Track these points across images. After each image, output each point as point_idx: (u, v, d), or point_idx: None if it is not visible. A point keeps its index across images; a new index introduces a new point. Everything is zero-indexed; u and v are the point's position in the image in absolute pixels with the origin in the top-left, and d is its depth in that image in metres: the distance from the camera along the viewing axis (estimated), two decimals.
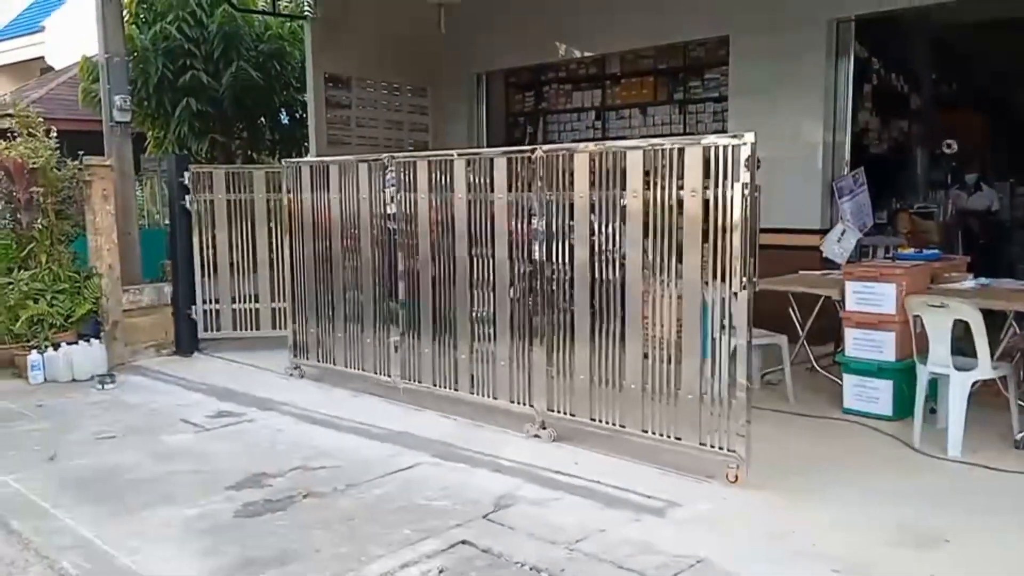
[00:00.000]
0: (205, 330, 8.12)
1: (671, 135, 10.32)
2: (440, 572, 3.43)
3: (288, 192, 7.08)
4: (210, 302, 8.11)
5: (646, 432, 4.64)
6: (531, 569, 3.43)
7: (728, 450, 4.30)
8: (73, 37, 19.78)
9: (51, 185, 7.57)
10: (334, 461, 4.87)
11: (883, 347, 5.26)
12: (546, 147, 5.16)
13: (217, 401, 6.34)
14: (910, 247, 6.75)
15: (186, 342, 8.06)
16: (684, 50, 10.20)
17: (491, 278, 5.46)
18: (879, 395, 5.32)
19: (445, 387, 5.84)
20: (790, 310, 6.22)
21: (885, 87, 9.78)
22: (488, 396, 5.55)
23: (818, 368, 6.21)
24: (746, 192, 4.10)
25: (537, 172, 5.10)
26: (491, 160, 5.48)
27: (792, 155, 7.80)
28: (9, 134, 7.74)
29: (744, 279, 4.16)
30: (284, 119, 11.23)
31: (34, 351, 7.14)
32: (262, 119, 10.95)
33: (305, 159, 9.92)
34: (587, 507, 4.07)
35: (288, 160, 7.60)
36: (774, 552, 3.57)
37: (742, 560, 3.47)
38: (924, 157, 11.02)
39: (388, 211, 6.22)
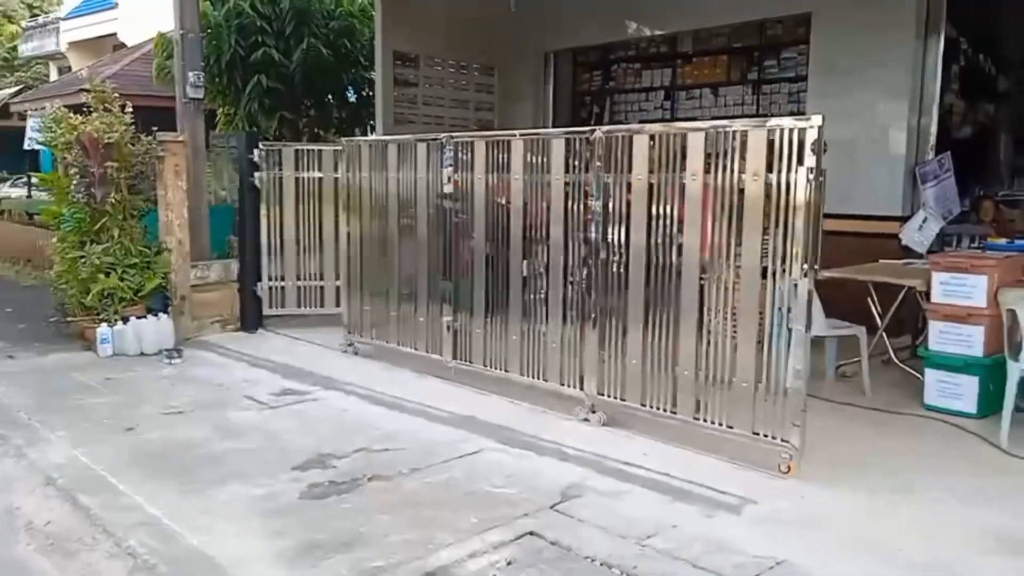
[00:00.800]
0: (270, 307, 8.16)
1: (743, 116, 10.07)
2: (508, 564, 3.34)
3: (347, 170, 7.10)
4: (275, 279, 8.14)
5: (698, 419, 4.55)
6: (601, 565, 3.32)
7: (782, 440, 4.19)
8: (146, 14, 20.15)
9: (125, 160, 7.64)
10: (398, 444, 4.82)
11: (971, 341, 5.00)
12: (605, 128, 5.05)
13: (281, 379, 6.35)
14: (999, 236, 6.41)
15: (251, 319, 8.11)
16: (761, 28, 9.89)
17: (545, 259, 5.40)
18: (963, 391, 5.07)
19: (496, 368, 5.81)
20: (869, 300, 5.97)
21: (972, 68, 9.32)
22: (539, 378, 5.51)
23: (896, 361, 5.95)
24: (811, 177, 3.96)
25: (596, 153, 5.00)
26: (549, 141, 5.37)
27: (874, 138, 7.53)
28: (85, 109, 7.83)
29: (806, 266, 4.03)
30: (351, 97, 11.20)
31: (104, 324, 7.26)
32: (329, 97, 10.93)
33: (364, 138, 10.02)
34: (658, 501, 3.94)
35: (347, 139, 7.56)
36: (858, 556, 3.39)
37: (825, 564, 3.31)
38: (1009, 143, 10.51)
39: (445, 190, 6.17)
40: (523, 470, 4.36)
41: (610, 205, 4.96)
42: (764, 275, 4.22)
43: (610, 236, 4.97)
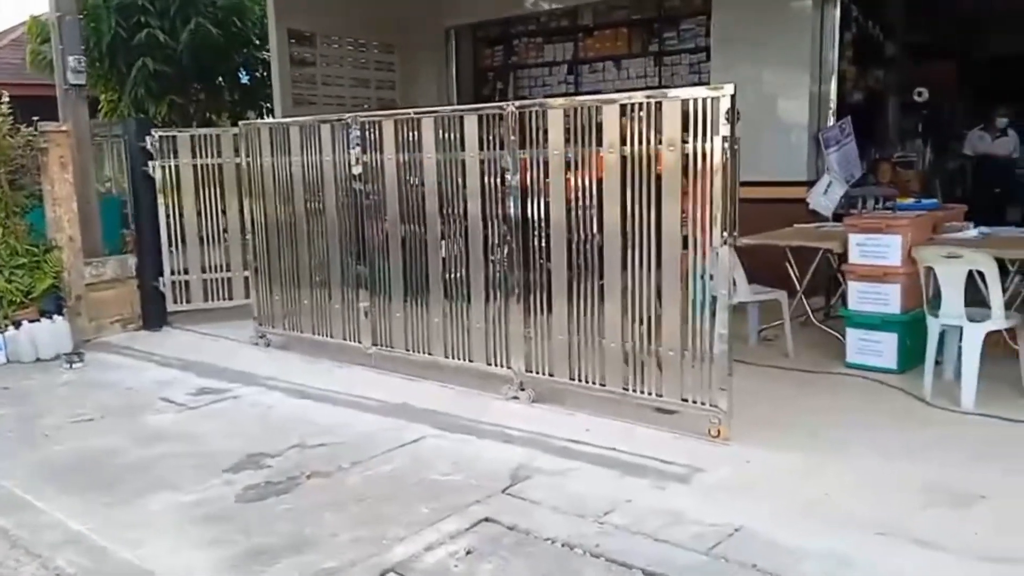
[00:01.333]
0: (175, 302, 7.76)
1: (647, 88, 10.14)
2: (468, 553, 3.25)
3: (247, 155, 6.82)
4: (178, 273, 7.75)
5: (627, 390, 4.59)
6: (563, 546, 3.27)
7: (711, 405, 4.26)
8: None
9: (3, 154, 7.12)
10: (333, 437, 4.64)
11: (888, 299, 5.17)
12: (517, 103, 5.01)
13: (196, 377, 6.05)
14: (903, 197, 6.65)
15: (154, 316, 7.70)
16: (658, 0, 9.97)
17: (464, 238, 5.33)
18: (883, 348, 5.24)
19: (420, 352, 5.70)
20: (787, 264, 6.10)
21: (863, 35, 9.63)
22: (464, 359, 5.44)
23: (815, 322, 6.11)
24: (726, 145, 4.02)
25: (509, 129, 4.95)
26: (461, 118, 5.27)
27: (777, 105, 7.68)
28: None
29: (725, 233, 4.08)
30: (244, 79, 10.74)
31: None
32: (220, 79, 10.44)
33: (263, 121, 9.64)
34: (607, 476, 3.91)
35: (244, 122, 7.24)
36: (811, 517, 3.44)
37: (781, 527, 3.34)
38: (896, 106, 10.95)
39: (353, 172, 5.99)
40: (467, 455, 4.26)
41: (527, 181, 4.93)
42: (685, 244, 4.27)
43: (529, 212, 4.94)
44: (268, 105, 10.76)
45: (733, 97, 4.00)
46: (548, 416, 4.78)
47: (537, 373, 5.03)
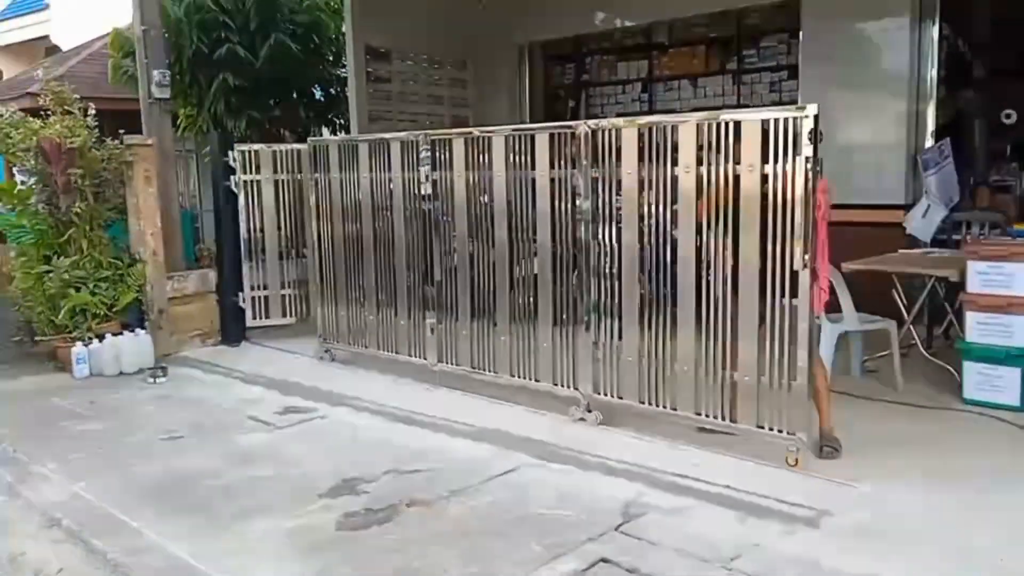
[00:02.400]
0: (254, 317, 7.73)
1: (724, 107, 9.93)
2: None
3: (315, 171, 6.86)
4: (258, 288, 7.72)
5: (700, 415, 4.50)
6: None
7: (788, 433, 4.14)
8: (80, 14, 19.27)
9: (89, 166, 7.15)
10: (427, 463, 4.50)
11: (1012, 332, 4.87)
12: (591, 122, 4.91)
13: (280, 395, 5.98)
14: (1012, 223, 6.33)
15: (233, 331, 7.68)
16: (738, 17, 9.75)
17: (532, 258, 5.31)
18: (1005, 384, 4.93)
19: (485, 370, 5.68)
20: (894, 292, 5.83)
21: (953, 53, 9.31)
22: (530, 378, 5.39)
23: (925, 354, 5.81)
24: (808, 167, 3.90)
25: (581, 148, 4.89)
26: (532, 136, 5.22)
27: (872, 126, 7.40)
28: (42, 113, 7.31)
29: (806, 257, 3.97)
30: (319, 95, 10.76)
31: (78, 343, 6.78)
32: (295, 95, 10.46)
33: (331, 137, 9.66)
34: (727, 517, 3.69)
35: (313, 139, 7.22)
36: (966, 571, 3.19)
37: None
38: (983, 128, 10.55)
39: (422, 190, 5.98)
40: (572, 488, 4.08)
41: (599, 201, 4.87)
42: (764, 267, 4.13)
43: (600, 233, 4.88)
44: (340, 121, 10.76)
45: (816, 117, 3.90)
46: (648, 448, 4.58)
47: (605, 395, 4.98)
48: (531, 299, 5.32)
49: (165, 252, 7.39)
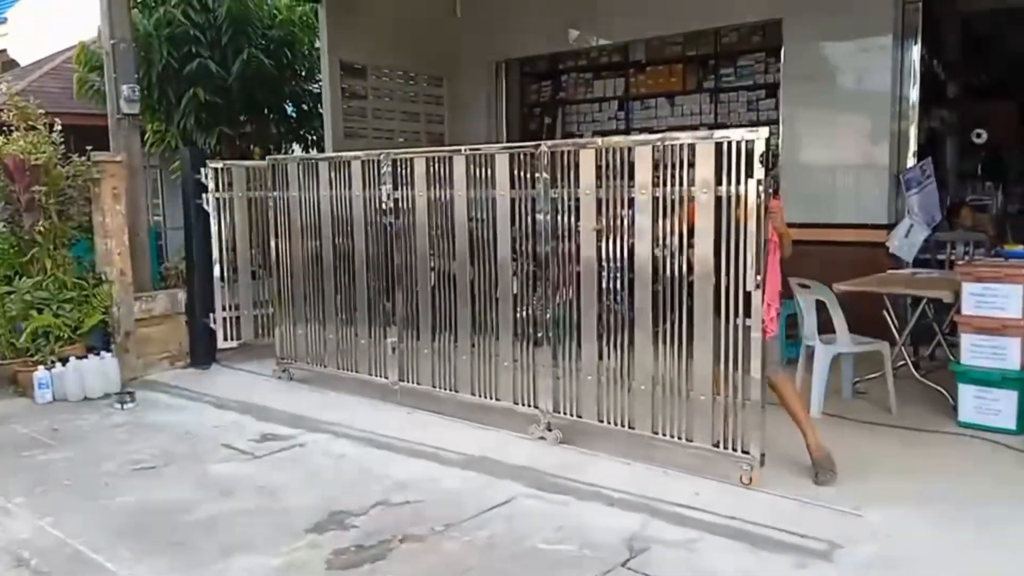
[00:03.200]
0: (225, 339, 7.48)
1: (701, 126, 9.93)
2: None
3: (275, 189, 6.82)
4: (229, 309, 7.47)
5: (656, 434, 4.55)
6: None
7: (743, 451, 4.21)
8: (39, 29, 18.83)
9: (54, 184, 6.88)
10: (416, 494, 4.31)
11: (1006, 354, 4.82)
12: (550, 143, 5.00)
13: (255, 421, 5.74)
14: (996, 243, 6.33)
15: (203, 353, 7.41)
16: (716, 36, 9.74)
17: (494, 276, 5.32)
18: (1001, 407, 4.87)
19: (445, 388, 5.70)
20: (885, 313, 5.77)
21: (928, 73, 9.37)
22: (490, 397, 5.41)
23: (916, 375, 5.74)
24: (760, 189, 4.01)
25: (542, 168, 4.95)
26: (493, 156, 5.27)
27: (854, 145, 7.39)
28: (4, 128, 7.02)
29: (759, 276, 4.07)
30: (291, 111, 10.54)
31: (40, 367, 6.47)
32: (267, 111, 10.23)
33: (292, 155, 9.52)
34: (738, 550, 3.55)
35: (272, 157, 7.11)
36: None
37: None
38: (955, 147, 10.66)
39: (384, 208, 5.98)
40: (570, 520, 3.92)
41: (558, 221, 4.93)
42: (718, 288, 4.21)
43: (560, 251, 4.97)
44: (312, 137, 10.55)
45: (767, 140, 4.02)
46: (646, 475, 4.43)
47: (564, 413, 5.02)
48: (492, 317, 5.34)
49: (132, 271, 7.12)
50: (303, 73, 10.35)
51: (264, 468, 4.82)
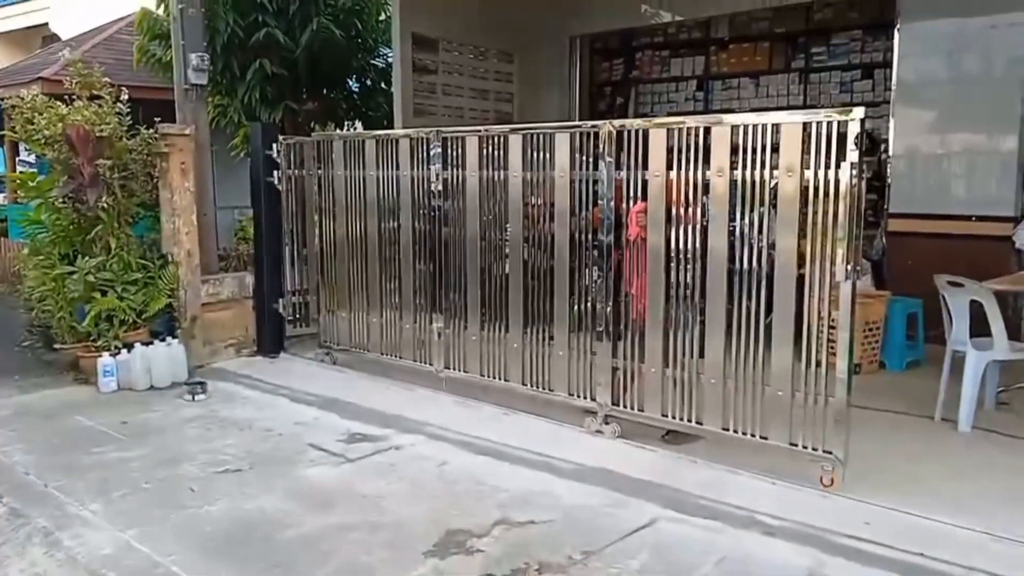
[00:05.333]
0: (293, 325, 7.04)
1: (788, 108, 9.35)
2: None
3: (318, 168, 6.57)
4: (299, 294, 7.04)
5: (727, 430, 4.31)
6: None
7: (824, 451, 3.97)
8: (80, 2, 18.50)
9: (118, 157, 6.45)
10: (540, 512, 3.83)
11: None
12: (617, 122, 4.69)
13: (339, 418, 5.30)
14: None
15: (270, 341, 6.98)
16: (807, 11, 9.14)
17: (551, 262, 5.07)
18: None
19: (495, 377, 5.47)
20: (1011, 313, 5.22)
21: None
22: (543, 388, 5.19)
23: None
24: (853, 173, 3.74)
25: (604, 149, 4.68)
26: (552, 136, 4.98)
27: (979, 131, 6.78)
28: (66, 98, 6.60)
29: (848, 267, 3.80)
30: (354, 86, 10.05)
31: (105, 353, 6.07)
32: (326, 89, 9.74)
33: (338, 133, 9.10)
34: None
35: (317, 134, 6.86)
36: None
37: None
38: None
39: (433, 189, 5.73)
40: (731, 552, 3.42)
41: (623, 205, 4.68)
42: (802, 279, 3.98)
43: (625, 237, 4.71)
44: (374, 114, 10.06)
45: (862, 121, 3.73)
46: (799, 497, 3.92)
47: (624, 407, 4.78)
48: (548, 305, 5.09)
49: (199, 253, 6.70)
50: (373, 44, 9.82)
51: (361, 474, 4.36)
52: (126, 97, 6.56)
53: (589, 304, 4.87)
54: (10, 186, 11.57)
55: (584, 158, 4.82)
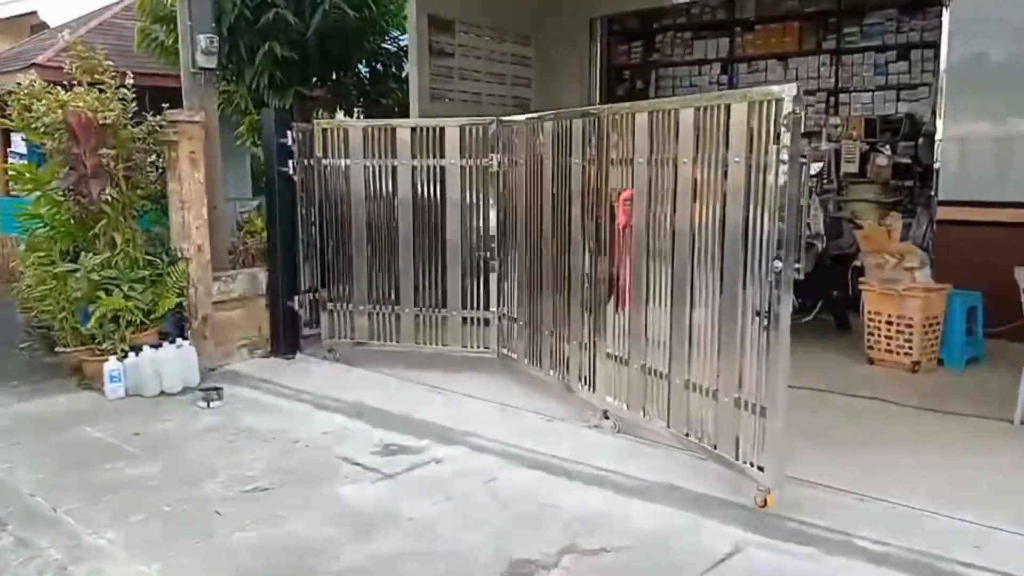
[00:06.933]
0: (307, 325, 6.63)
1: (819, 91, 8.98)
2: None
3: (324, 158, 6.21)
4: (315, 291, 6.61)
5: (688, 436, 4.04)
6: None
7: (758, 467, 3.57)
8: None
9: (122, 146, 6.02)
10: (609, 537, 3.44)
11: None
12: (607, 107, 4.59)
13: (370, 428, 4.90)
14: None
15: (286, 341, 6.56)
16: None
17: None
18: None
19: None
20: None
21: None
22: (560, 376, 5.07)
23: None
24: (783, 157, 3.32)
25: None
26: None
27: None
28: (65, 84, 6.15)
29: (778, 261, 3.41)
30: (364, 71, 9.59)
31: (111, 356, 5.66)
32: (334, 72, 9.29)
33: (344, 120, 8.72)
34: None
35: (320, 121, 6.39)
36: None
37: None
38: None
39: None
40: None
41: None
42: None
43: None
44: (386, 101, 9.61)
45: (795, 98, 3.28)
46: (888, 514, 3.54)
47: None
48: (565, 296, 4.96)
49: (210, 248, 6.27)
50: (385, 27, 9.36)
51: (403, 493, 3.96)
52: (130, 82, 6.11)
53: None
54: (2, 178, 11.10)
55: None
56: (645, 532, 3.50)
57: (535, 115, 5.35)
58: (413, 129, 5.93)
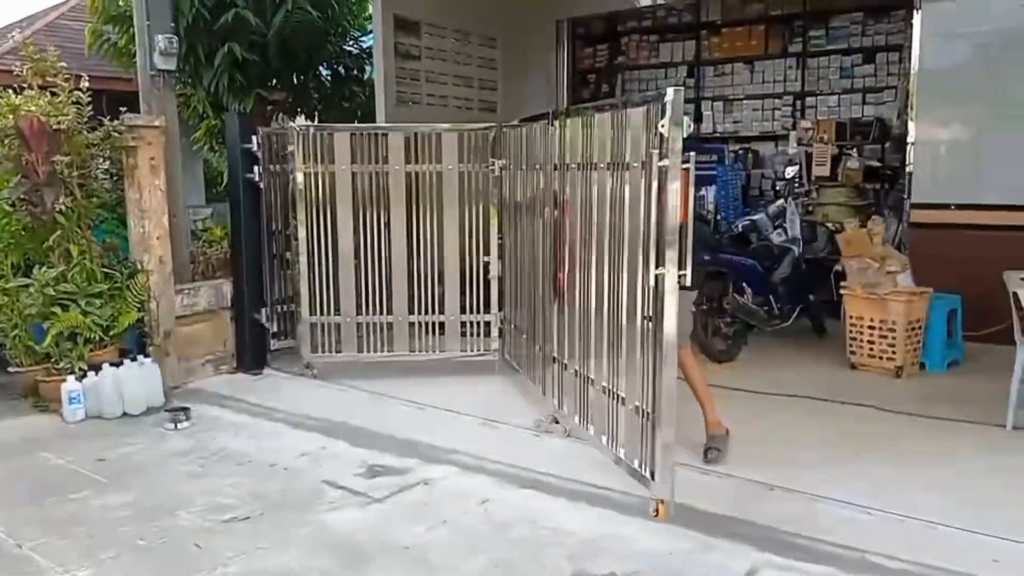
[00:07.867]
0: (275, 337, 6.36)
1: (785, 94, 8.99)
2: None
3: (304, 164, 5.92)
4: (282, 304, 6.36)
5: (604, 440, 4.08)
6: None
7: (651, 477, 3.55)
8: None
9: (76, 152, 5.71)
10: (619, 562, 3.28)
11: None
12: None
13: (349, 446, 4.68)
14: None
15: (252, 355, 6.31)
16: None
17: None
18: None
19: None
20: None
21: None
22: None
23: None
24: (665, 163, 3.31)
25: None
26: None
27: (1011, 115, 6.40)
28: (15, 87, 5.82)
29: (661, 268, 3.38)
30: (325, 74, 9.32)
31: (69, 376, 5.34)
32: (298, 74, 9.02)
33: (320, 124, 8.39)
34: None
35: (296, 124, 6.00)
36: None
37: None
38: None
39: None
40: None
41: None
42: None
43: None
44: (348, 104, 9.36)
45: (675, 103, 3.27)
46: (898, 529, 3.45)
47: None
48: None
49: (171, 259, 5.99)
50: (347, 28, 9.10)
51: (393, 518, 3.75)
52: (86, 85, 5.80)
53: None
54: None
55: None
56: (651, 555, 3.34)
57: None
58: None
